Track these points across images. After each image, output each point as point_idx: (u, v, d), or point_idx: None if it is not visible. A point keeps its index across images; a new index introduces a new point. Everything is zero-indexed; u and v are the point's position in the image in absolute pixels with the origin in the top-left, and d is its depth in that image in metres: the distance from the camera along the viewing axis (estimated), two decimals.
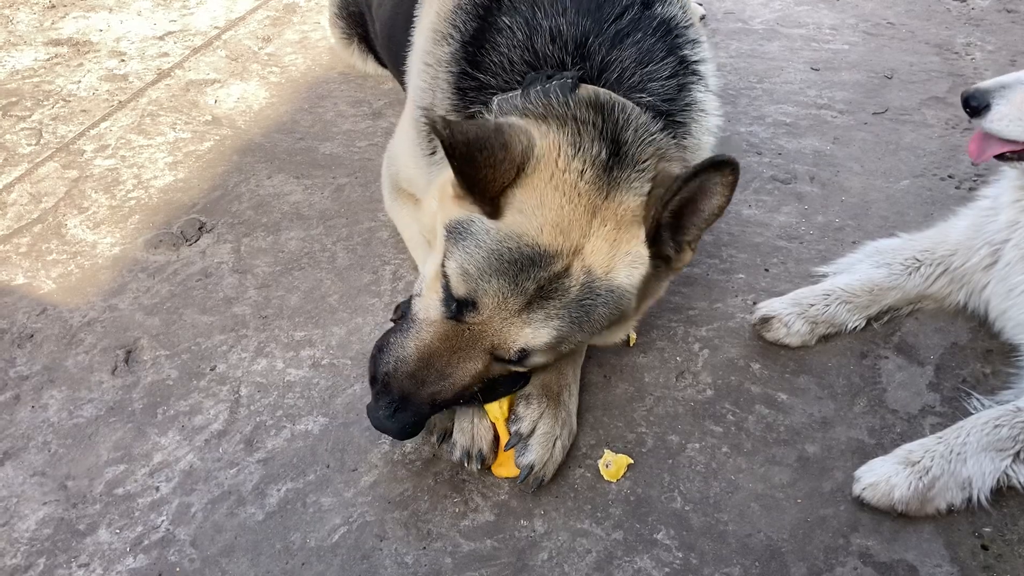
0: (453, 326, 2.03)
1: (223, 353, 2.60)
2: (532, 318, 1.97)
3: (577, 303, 1.98)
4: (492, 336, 2.00)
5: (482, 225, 1.99)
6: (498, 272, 1.95)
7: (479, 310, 1.99)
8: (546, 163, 1.99)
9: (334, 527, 2.13)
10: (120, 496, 2.23)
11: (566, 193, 1.97)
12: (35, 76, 4.04)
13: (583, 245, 1.97)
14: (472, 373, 2.05)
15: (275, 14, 4.52)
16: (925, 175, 3.22)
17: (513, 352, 2.01)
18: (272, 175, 3.34)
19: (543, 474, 2.17)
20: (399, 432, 2.06)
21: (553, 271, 1.95)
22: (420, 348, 2.06)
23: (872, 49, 4.07)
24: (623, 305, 2.05)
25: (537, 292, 1.95)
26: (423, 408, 2.04)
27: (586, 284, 1.97)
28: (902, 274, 2.59)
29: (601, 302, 2.00)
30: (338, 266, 2.91)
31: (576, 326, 2.00)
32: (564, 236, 1.96)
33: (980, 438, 2.12)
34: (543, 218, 1.96)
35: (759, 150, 3.39)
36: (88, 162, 3.44)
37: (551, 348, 2.03)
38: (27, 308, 2.78)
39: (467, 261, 1.98)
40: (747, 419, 2.36)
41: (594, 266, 1.98)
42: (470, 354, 2.03)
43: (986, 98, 2.24)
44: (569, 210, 1.97)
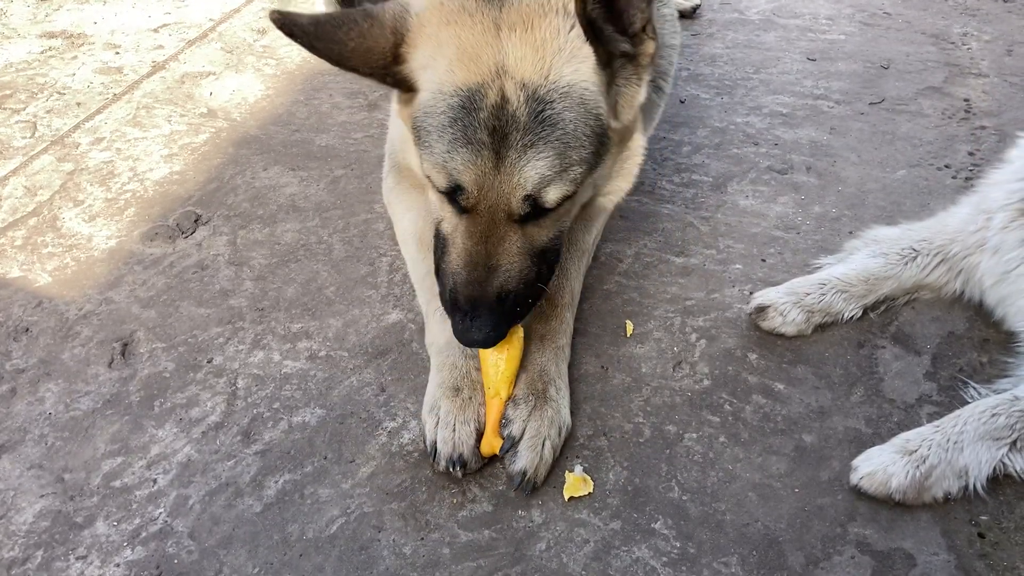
0: (469, 218, 2.02)
1: (220, 345, 2.60)
2: (511, 164, 1.92)
3: (537, 122, 1.89)
4: (497, 203, 1.97)
5: (419, 111, 1.96)
6: (452, 143, 1.91)
7: (467, 189, 1.96)
8: (432, 11, 1.95)
9: (332, 518, 2.13)
10: (117, 488, 2.23)
11: (457, 23, 1.92)
12: (29, 69, 4.02)
13: (503, 62, 1.89)
14: (515, 251, 2.04)
15: (270, 6, 4.50)
16: (921, 165, 3.22)
17: (523, 204, 1.97)
18: (268, 167, 3.33)
19: (535, 478, 2.15)
20: (483, 339, 2.07)
21: (490, 104, 1.88)
22: (459, 254, 2.07)
23: (868, 39, 4.06)
24: (592, 108, 1.96)
25: (494, 136, 1.89)
26: (494, 308, 2.04)
27: (531, 98, 1.89)
28: (898, 263, 2.59)
29: (561, 108, 1.91)
30: (334, 258, 2.91)
31: (557, 143, 1.92)
32: (476, 62, 1.89)
33: (977, 427, 2.13)
34: (447, 57, 1.90)
35: (756, 140, 3.38)
36: (83, 155, 3.43)
37: (557, 178, 1.96)
38: (23, 301, 2.77)
39: (430, 153, 1.97)
40: (744, 409, 2.37)
41: (527, 76, 1.89)
42: (497, 232, 2.02)
43: None
44: (467, 34, 1.91)
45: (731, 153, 3.32)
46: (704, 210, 3.04)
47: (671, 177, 3.19)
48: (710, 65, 3.87)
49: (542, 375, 2.28)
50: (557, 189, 1.99)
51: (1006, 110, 3.48)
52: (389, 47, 1.96)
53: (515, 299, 2.09)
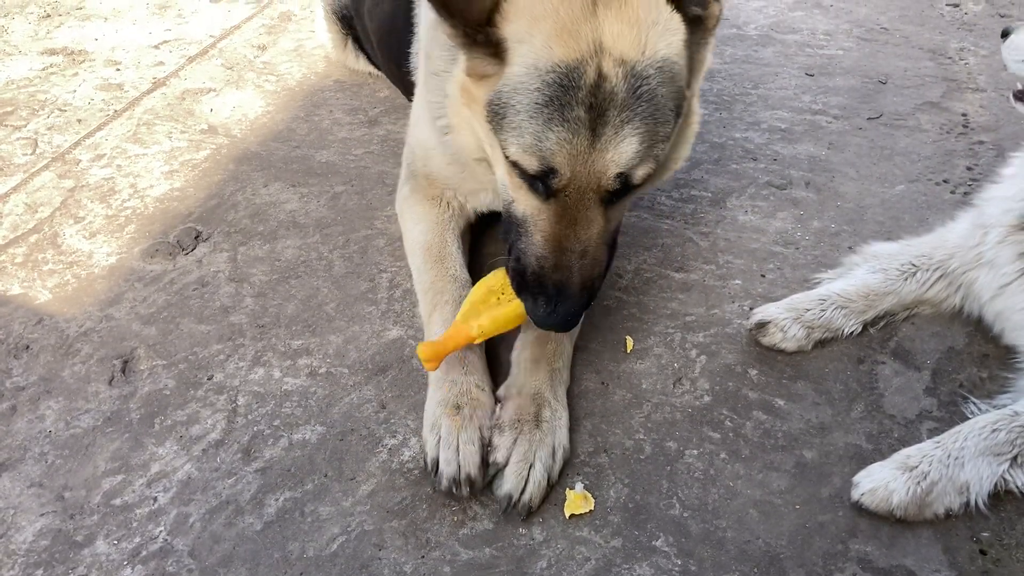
0: (555, 202, 2.01)
1: (220, 362, 2.60)
2: (607, 141, 1.91)
3: (634, 98, 1.89)
4: (589, 184, 1.96)
5: (507, 86, 1.94)
6: (547, 122, 1.90)
7: (559, 172, 1.95)
8: None
9: (332, 536, 2.13)
10: (118, 507, 2.22)
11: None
12: (30, 86, 4.04)
13: (601, 38, 1.88)
14: (599, 231, 2.05)
15: (270, 23, 4.52)
16: (920, 180, 3.23)
17: (615, 183, 1.96)
18: (268, 183, 3.34)
19: (529, 501, 2.13)
20: (565, 323, 2.09)
21: (589, 82, 1.87)
22: (547, 237, 2.06)
23: (866, 54, 4.08)
24: (679, 80, 1.97)
25: (591, 113, 1.88)
26: (579, 294, 2.06)
27: (629, 74, 1.88)
28: (898, 279, 2.59)
29: (656, 83, 1.91)
30: (335, 274, 2.91)
31: (651, 120, 1.92)
32: (575, 39, 1.88)
33: (978, 443, 2.13)
34: (544, 32, 1.89)
35: (754, 156, 3.39)
36: (84, 172, 3.44)
37: (646, 154, 1.96)
38: (23, 318, 2.78)
39: (519, 136, 1.95)
40: (745, 425, 2.37)
41: (626, 52, 1.88)
42: (587, 214, 2.02)
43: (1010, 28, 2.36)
44: (565, 9, 1.89)
45: (730, 168, 3.33)
46: (703, 225, 3.04)
47: (670, 192, 3.20)
48: (708, 80, 3.89)
49: (535, 398, 2.28)
50: (646, 166, 1.99)
51: (1004, 125, 3.50)
52: (488, 5, 1.93)
53: (593, 283, 2.10)
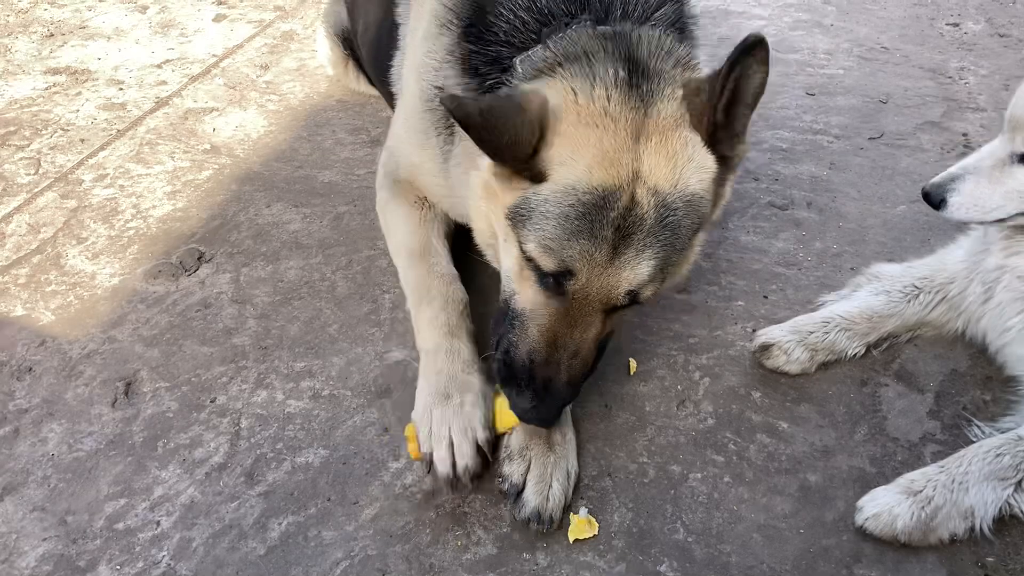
0: (559, 303, 2.06)
1: (223, 385, 2.60)
2: (625, 260, 1.97)
3: (660, 226, 1.97)
4: (598, 293, 2.02)
5: (537, 196, 1.99)
6: (574, 233, 1.95)
7: (576, 276, 2.00)
8: (567, 108, 1.99)
9: (336, 561, 2.13)
10: (121, 531, 2.22)
11: (598, 124, 1.97)
12: (33, 105, 4.05)
13: (639, 169, 1.95)
14: (595, 336, 2.10)
15: (273, 42, 4.54)
16: (921, 200, 3.21)
17: (623, 298, 2.02)
18: (271, 204, 3.35)
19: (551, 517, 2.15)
20: (548, 420, 2.15)
21: (622, 206, 1.94)
22: (544, 333, 2.09)
23: (867, 74, 4.10)
24: (702, 212, 2.05)
25: (617, 234, 1.95)
26: (564, 390, 2.10)
27: (660, 204, 1.96)
28: (901, 301, 2.60)
29: (682, 215, 1.99)
30: (338, 295, 2.91)
31: (669, 247, 2.00)
32: (615, 167, 1.94)
33: (982, 467, 2.12)
34: (587, 158, 1.95)
35: (756, 176, 3.40)
36: (87, 192, 3.45)
37: (658, 276, 2.03)
38: (26, 340, 2.78)
39: (542, 236, 1.99)
40: (748, 448, 2.36)
41: (660, 184, 1.96)
42: (588, 319, 2.07)
43: (941, 193, 2.37)
44: (609, 140, 1.96)
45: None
46: (706, 246, 3.04)
47: None
48: None
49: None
50: (654, 286, 2.06)
51: None
52: (533, 142, 1.99)
53: (577, 383, 2.15)
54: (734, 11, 4.70)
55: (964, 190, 2.32)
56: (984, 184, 2.30)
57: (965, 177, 2.33)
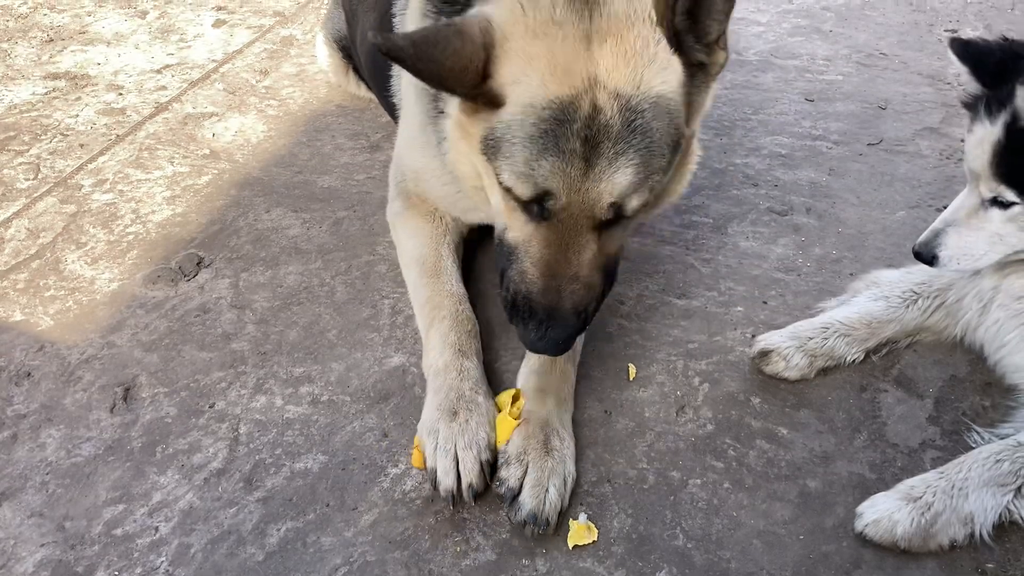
0: (548, 226, 2.04)
1: (222, 390, 2.60)
2: (600, 171, 1.93)
3: (628, 130, 1.92)
4: (581, 210, 1.99)
5: (501, 123, 1.98)
6: (541, 152, 1.93)
7: (554, 196, 1.97)
8: (515, 24, 1.96)
9: (335, 567, 2.12)
10: (119, 537, 2.21)
11: (547, 34, 1.93)
12: (33, 110, 4.05)
13: (595, 74, 1.91)
14: (591, 257, 2.07)
15: (272, 47, 4.54)
16: (921, 206, 3.24)
17: (608, 211, 1.99)
18: (270, 209, 3.35)
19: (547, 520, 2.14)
20: (556, 348, 2.12)
21: (584, 116, 1.90)
22: (537, 261, 2.09)
23: (866, 79, 4.10)
24: (676, 117, 2.01)
25: (586, 145, 1.91)
26: (570, 319, 2.08)
27: (624, 108, 1.92)
28: (900, 307, 2.60)
29: (651, 117, 1.94)
30: (337, 301, 2.91)
31: (645, 152, 1.95)
32: (569, 76, 1.91)
33: (981, 473, 2.12)
34: (539, 72, 1.92)
35: (755, 182, 3.41)
36: (86, 197, 3.45)
37: (640, 185, 1.98)
38: (25, 345, 2.77)
39: (512, 163, 1.98)
40: (748, 454, 2.36)
41: (620, 86, 1.92)
42: (579, 241, 2.05)
43: (930, 250, 2.39)
44: (558, 48, 1.92)
45: (731, 194, 3.34)
46: (705, 252, 3.05)
47: (672, 218, 3.21)
48: None
49: (543, 426, 2.28)
50: (639, 197, 2.02)
51: None
52: (481, 64, 1.95)
53: (585, 311, 2.12)
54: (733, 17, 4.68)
55: (949, 243, 2.36)
56: (966, 234, 2.34)
57: (947, 231, 2.37)
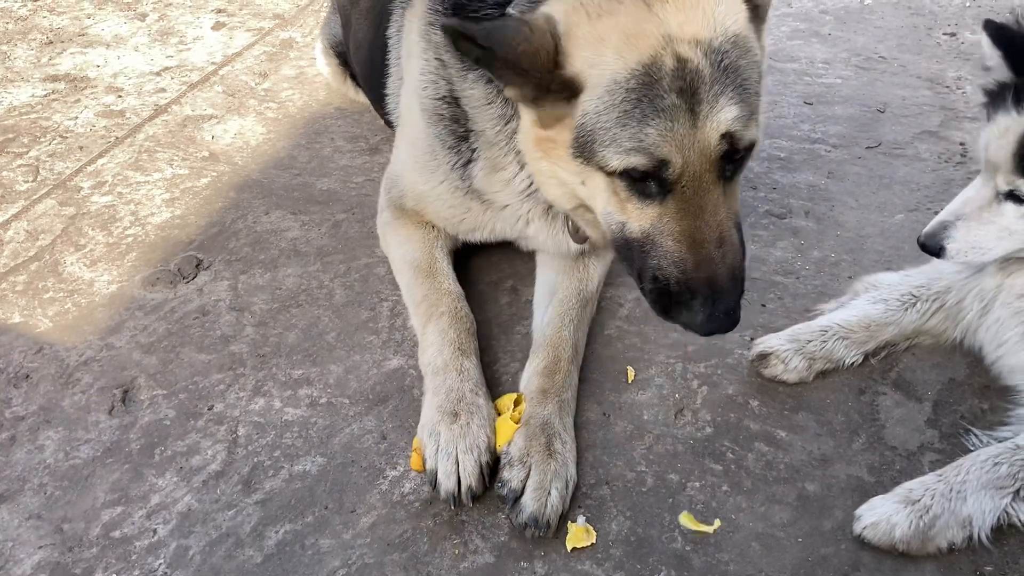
0: (674, 198, 2.01)
1: (220, 392, 2.60)
2: (706, 116, 1.93)
3: (720, 71, 1.93)
4: (702, 164, 1.97)
5: (587, 114, 1.98)
6: (642, 120, 1.93)
7: (670, 162, 1.95)
8: (572, 15, 1.99)
9: (333, 570, 2.12)
10: (117, 539, 2.21)
11: (608, 13, 1.96)
12: (32, 112, 4.05)
13: (668, 31, 1.93)
14: (727, 213, 2.04)
15: (272, 50, 4.55)
16: (919, 209, 3.24)
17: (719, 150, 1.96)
18: (269, 211, 3.35)
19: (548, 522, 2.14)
20: (730, 320, 2.06)
21: (669, 70, 1.91)
22: (679, 237, 2.03)
23: (864, 83, 4.11)
24: (754, 53, 2.03)
25: (683, 97, 1.91)
26: (729, 285, 2.04)
27: (708, 51, 1.93)
28: (898, 310, 2.60)
29: (736, 56, 1.96)
30: (336, 303, 2.91)
31: (742, 89, 1.96)
32: (642, 40, 1.93)
33: (980, 476, 2.12)
34: (612, 47, 1.94)
35: (754, 185, 3.41)
36: (85, 199, 3.45)
37: (747, 120, 1.98)
38: (23, 347, 2.77)
39: (618, 145, 1.97)
40: (747, 457, 2.36)
41: (697, 34, 1.94)
42: (709, 198, 2.01)
43: (937, 242, 2.37)
44: (623, 22, 1.95)
45: None
46: None
47: None
48: None
49: (545, 428, 2.28)
50: (748, 132, 2.00)
51: None
52: (552, 50, 1.97)
53: (741, 274, 2.08)
54: None
55: (958, 236, 2.34)
56: (975, 227, 2.32)
57: (956, 224, 2.34)
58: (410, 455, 2.32)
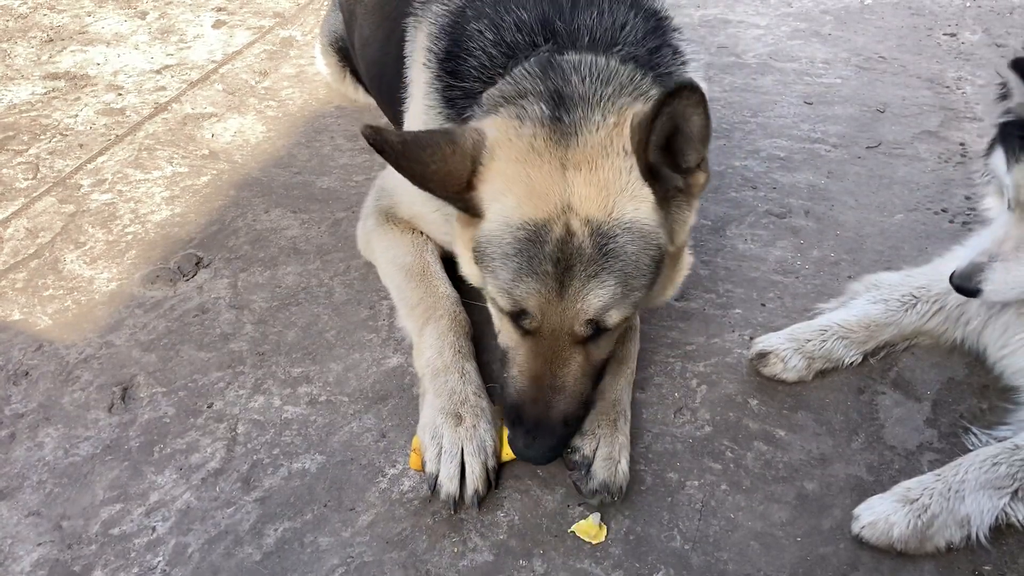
0: (532, 340, 2.09)
1: (220, 390, 2.60)
2: (574, 292, 1.98)
3: (601, 254, 1.97)
4: (561, 327, 2.04)
5: (483, 235, 2.06)
6: (517, 271, 2.00)
7: (531, 314, 2.03)
8: (503, 145, 2.04)
9: (332, 568, 2.12)
10: (116, 536, 2.21)
11: (526, 161, 2.02)
12: (32, 110, 4.05)
13: (570, 200, 1.98)
14: (577, 371, 2.11)
15: (272, 48, 4.55)
16: (919, 209, 3.24)
17: (586, 328, 2.03)
18: (269, 209, 3.35)
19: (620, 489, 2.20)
20: (540, 457, 2.16)
21: (556, 239, 1.96)
22: (524, 372, 2.13)
23: (864, 83, 4.11)
24: (653, 239, 2.04)
25: (558, 267, 1.97)
26: (557, 428, 2.12)
27: (595, 233, 1.97)
28: (899, 310, 2.60)
29: (625, 241, 1.99)
30: (335, 301, 2.91)
31: (619, 274, 1.99)
32: (544, 200, 1.98)
33: (978, 476, 2.12)
34: (517, 193, 2.00)
35: (754, 184, 3.41)
36: (85, 197, 3.45)
37: (618, 303, 2.02)
38: (23, 344, 2.77)
39: (494, 278, 2.05)
40: (746, 456, 2.36)
41: (592, 213, 1.97)
42: (563, 354, 2.09)
43: (972, 285, 2.32)
44: (536, 174, 2.00)
45: (729, 196, 3.35)
46: (703, 254, 3.05)
47: None
48: None
49: (616, 405, 2.34)
50: (619, 312, 2.05)
51: None
52: (466, 175, 2.05)
53: (572, 420, 2.18)
54: (732, 20, 4.71)
55: (996, 278, 2.29)
56: (1014, 267, 2.27)
57: (993, 265, 2.29)
58: (409, 454, 2.33)
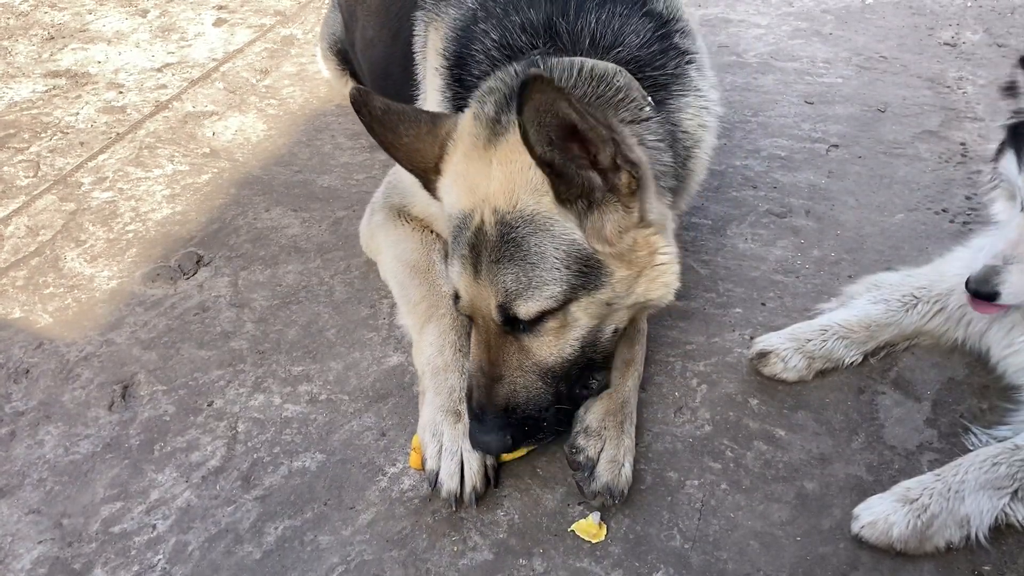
0: (475, 328, 2.21)
1: (220, 388, 2.60)
2: (484, 276, 2.10)
3: (503, 242, 2.07)
4: (485, 314, 2.14)
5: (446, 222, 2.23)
6: (451, 255, 2.17)
7: (460, 296, 2.18)
8: (461, 140, 2.21)
9: (332, 566, 2.12)
10: (116, 534, 2.22)
11: (469, 156, 2.17)
12: (33, 108, 4.06)
13: (488, 192, 2.10)
14: (516, 364, 2.17)
15: (273, 46, 4.55)
16: (919, 209, 3.24)
17: (499, 314, 2.11)
18: (270, 208, 3.35)
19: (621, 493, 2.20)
20: (484, 445, 2.18)
21: (474, 226, 2.10)
22: (472, 359, 2.24)
23: (865, 82, 4.11)
24: (559, 233, 2.07)
25: (472, 252, 2.11)
26: (500, 417, 2.14)
27: (499, 222, 2.08)
28: (899, 310, 2.59)
29: (526, 233, 2.07)
30: (336, 300, 2.91)
31: (520, 262, 2.07)
32: (473, 192, 2.13)
33: (978, 476, 2.12)
34: (458, 185, 2.17)
35: (754, 184, 3.41)
36: (86, 195, 3.45)
37: (525, 293, 2.07)
38: (23, 342, 2.78)
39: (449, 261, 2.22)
40: (746, 455, 2.36)
41: (499, 205, 2.09)
42: (495, 341, 2.17)
43: (990, 289, 2.28)
44: (472, 169, 2.15)
45: (730, 196, 3.35)
46: (704, 253, 3.05)
47: None
48: None
49: (624, 406, 2.35)
50: (531, 303, 2.09)
51: None
52: (433, 158, 2.23)
53: (526, 415, 2.17)
54: (733, 19, 4.71)
55: (1012, 281, 2.27)
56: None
57: (1009, 268, 2.27)
58: (409, 453, 2.33)
